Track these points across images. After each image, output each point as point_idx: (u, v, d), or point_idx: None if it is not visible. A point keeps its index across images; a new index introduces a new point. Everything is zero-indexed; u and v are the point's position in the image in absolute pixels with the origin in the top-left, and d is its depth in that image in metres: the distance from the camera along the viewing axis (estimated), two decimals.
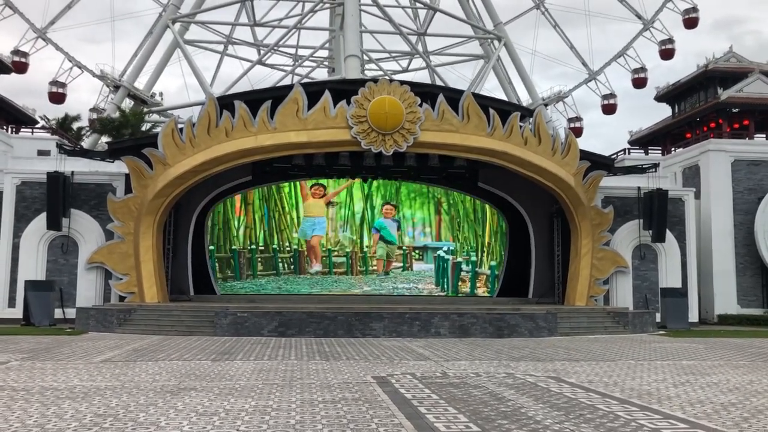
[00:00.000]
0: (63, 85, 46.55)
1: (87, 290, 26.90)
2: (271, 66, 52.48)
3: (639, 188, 30.01)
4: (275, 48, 47.42)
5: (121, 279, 26.38)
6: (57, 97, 46.21)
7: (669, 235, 30.08)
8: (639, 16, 51.31)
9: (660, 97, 44.72)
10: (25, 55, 45.47)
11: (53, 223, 26.57)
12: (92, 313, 23.84)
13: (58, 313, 25.89)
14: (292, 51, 53.36)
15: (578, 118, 50.64)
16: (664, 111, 46.30)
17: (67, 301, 26.70)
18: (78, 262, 27.22)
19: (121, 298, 26.39)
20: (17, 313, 25.97)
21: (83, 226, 27.29)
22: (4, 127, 35.58)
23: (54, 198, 26.43)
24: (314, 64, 52.77)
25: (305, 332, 22.08)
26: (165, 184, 25.47)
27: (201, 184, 27.00)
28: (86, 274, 27.02)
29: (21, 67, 44.39)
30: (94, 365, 13.80)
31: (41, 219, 26.88)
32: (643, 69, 50.94)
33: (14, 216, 27.36)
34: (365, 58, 46.39)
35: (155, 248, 26.33)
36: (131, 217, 25.99)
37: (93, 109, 46.10)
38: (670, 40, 50.74)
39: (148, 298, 25.79)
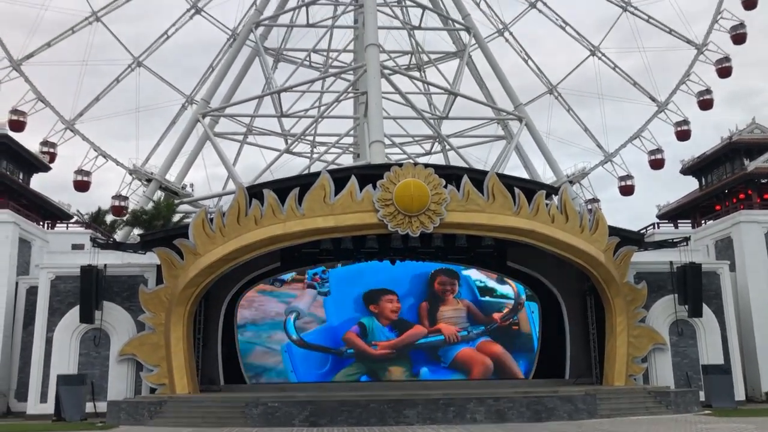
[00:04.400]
0: (87, 173, 47.74)
1: (118, 383, 26.81)
2: (298, 154, 53.73)
3: (671, 263, 29.54)
4: (302, 137, 48.68)
5: (152, 371, 26.29)
6: (81, 185, 47.33)
7: (706, 309, 29.35)
8: (653, 99, 51.70)
9: (685, 170, 44.64)
10: (53, 145, 47.08)
11: (86, 317, 26.82)
12: (123, 407, 23.66)
13: (89, 407, 25.74)
14: (317, 138, 54.72)
15: (595, 200, 50.35)
16: (690, 183, 46.18)
17: (99, 395, 26.57)
18: (110, 355, 27.25)
19: (152, 390, 26.23)
20: (49, 408, 25.85)
21: (115, 318, 27.48)
22: (41, 223, 36.57)
23: (87, 291, 26.79)
24: (339, 151, 53.87)
25: (337, 421, 21.62)
26: (196, 273, 25.76)
27: (230, 273, 27.23)
28: (118, 366, 27.01)
29: (49, 158, 46.01)
30: None
31: (74, 312, 27.16)
32: (659, 150, 50.51)
33: (48, 310, 27.71)
34: (388, 142, 47.27)
35: (186, 338, 26.35)
36: (162, 307, 26.17)
37: (116, 197, 47.22)
38: (686, 122, 50.46)
39: (179, 390, 25.59)
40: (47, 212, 39.89)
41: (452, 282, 30.70)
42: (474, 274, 30.86)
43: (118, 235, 42.25)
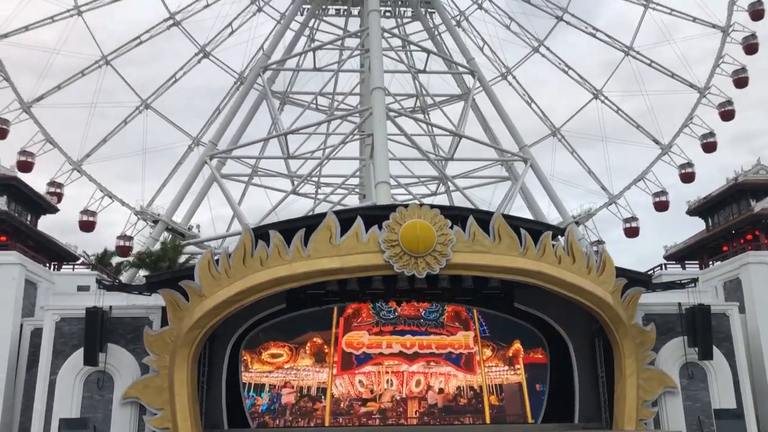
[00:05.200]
0: (93, 213, 47.78)
1: (121, 427, 26.44)
2: (304, 195, 53.96)
3: (680, 304, 29.29)
4: (308, 179, 48.97)
5: (155, 414, 25.97)
6: (87, 225, 47.36)
7: (717, 352, 28.96)
8: (656, 141, 51.78)
9: (692, 211, 44.66)
10: (60, 186, 47.33)
11: (90, 359, 26.60)
12: None
13: None
14: (323, 179, 55.02)
15: (600, 241, 50.07)
16: (697, 224, 46.10)
17: None
18: (113, 398, 26.92)
19: None
20: None
21: (119, 361, 27.24)
22: (47, 265, 36.62)
23: (92, 333, 26.61)
24: (345, 192, 54.11)
25: None
26: (201, 315, 25.63)
27: (235, 315, 27.07)
28: (121, 409, 26.67)
29: (56, 198, 46.28)
30: None
31: (78, 355, 26.95)
32: (663, 192, 50.13)
33: (52, 353, 27.46)
34: (394, 183, 47.51)
35: (190, 381, 26.08)
36: (167, 350, 25.97)
37: (120, 237, 47.28)
38: (690, 164, 50.19)
39: None
40: (54, 254, 39.98)
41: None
42: None
43: (124, 277, 42.22)
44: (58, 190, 47.03)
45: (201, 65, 53.45)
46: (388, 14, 53.98)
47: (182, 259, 40.74)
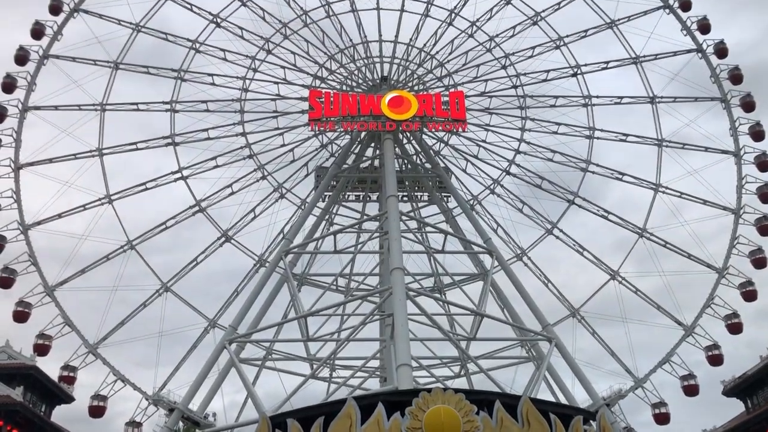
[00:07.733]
0: (104, 398, 46.36)
1: None
2: (323, 379, 52.54)
3: None
4: (327, 362, 47.96)
5: None
6: (96, 411, 45.69)
7: None
8: (678, 323, 50.61)
9: (728, 392, 42.74)
10: (73, 369, 46.49)
11: None
12: None
13: None
14: (342, 362, 53.78)
15: (629, 429, 47.26)
16: (734, 403, 43.84)
17: None
18: None
19: None
20: None
21: None
22: None
23: None
24: (366, 374, 52.74)
25: None
26: None
27: None
28: None
29: (69, 381, 45.29)
30: None
31: None
32: (691, 376, 47.78)
33: None
34: (415, 365, 46.32)
35: None
36: None
37: (129, 423, 45.54)
38: (716, 346, 48.23)
39: None
40: None
41: None
42: None
43: None
44: (72, 374, 46.37)
45: (222, 248, 54.78)
46: (405, 198, 56.07)
47: None
